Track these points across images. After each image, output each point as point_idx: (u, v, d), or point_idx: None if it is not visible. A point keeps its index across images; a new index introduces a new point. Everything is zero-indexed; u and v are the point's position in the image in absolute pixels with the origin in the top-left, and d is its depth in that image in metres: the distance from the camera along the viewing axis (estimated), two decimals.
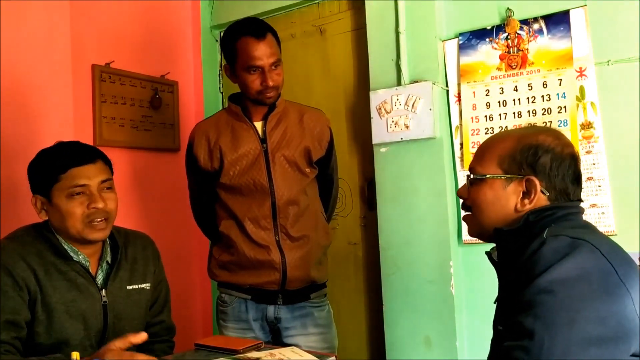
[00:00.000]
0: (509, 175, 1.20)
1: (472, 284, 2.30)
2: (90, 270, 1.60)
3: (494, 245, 1.27)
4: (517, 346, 1.01)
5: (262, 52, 1.87)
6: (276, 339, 2.00)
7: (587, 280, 1.01)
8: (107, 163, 1.62)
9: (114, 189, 1.62)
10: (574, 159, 1.20)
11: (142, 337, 1.37)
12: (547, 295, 1.01)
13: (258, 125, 1.97)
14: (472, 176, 1.26)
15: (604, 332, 0.98)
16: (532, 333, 1.00)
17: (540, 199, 1.18)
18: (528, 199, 1.18)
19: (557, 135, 1.23)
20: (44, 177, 1.54)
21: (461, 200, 1.33)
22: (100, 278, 1.62)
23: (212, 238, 2.10)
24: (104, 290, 1.60)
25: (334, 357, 1.61)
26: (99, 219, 1.56)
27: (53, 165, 1.54)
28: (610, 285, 1.01)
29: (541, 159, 1.18)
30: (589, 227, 1.18)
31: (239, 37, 1.89)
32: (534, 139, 1.20)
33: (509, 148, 1.21)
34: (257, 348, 1.57)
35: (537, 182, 1.17)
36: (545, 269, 1.04)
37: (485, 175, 1.23)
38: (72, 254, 1.57)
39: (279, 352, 1.53)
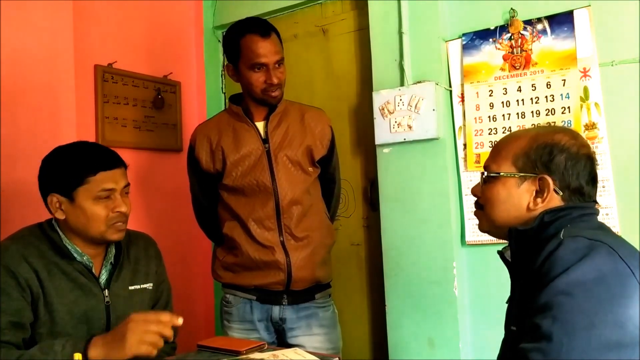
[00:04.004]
0: (523, 174, 1.20)
1: (476, 285, 2.29)
2: (93, 271, 1.59)
3: (505, 244, 1.26)
4: (534, 348, 1.01)
5: (267, 49, 1.87)
6: (280, 340, 1.99)
7: (605, 283, 1.00)
8: (126, 169, 1.64)
9: (129, 193, 1.64)
10: (590, 160, 1.20)
11: (179, 322, 1.38)
12: (565, 298, 1.00)
13: (259, 125, 1.97)
14: (485, 174, 1.26)
15: (622, 336, 0.97)
16: (550, 335, 0.99)
17: (554, 198, 1.18)
18: (541, 198, 1.18)
19: (574, 135, 1.22)
20: (68, 177, 1.53)
21: (474, 198, 1.33)
22: (103, 278, 1.62)
23: (215, 240, 2.10)
24: (106, 290, 1.60)
25: (337, 358, 1.61)
26: (120, 222, 1.58)
27: (81, 167, 1.53)
28: (629, 288, 1.00)
29: (556, 158, 1.17)
30: (605, 229, 1.18)
31: (243, 35, 1.89)
32: (550, 138, 1.19)
33: (524, 146, 1.21)
34: (260, 349, 1.57)
35: (550, 181, 1.16)
36: (563, 270, 1.03)
37: (499, 173, 1.22)
38: (75, 255, 1.57)
39: (281, 353, 1.52)
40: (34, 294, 1.48)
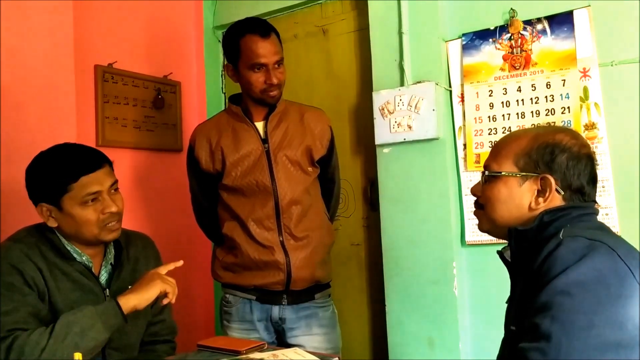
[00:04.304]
0: (525, 173, 1.20)
1: (475, 284, 2.29)
2: (93, 271, 1.59)
3: (504, 244, 1.26)
4: (533, 348, 1.01)
5: (267, 50, 1.87)
6: (280, 340, 2.00)
7: (604, 283, 1.00)
8: (111, 165, 1.62)
9: (118, 188, 1.63)
10: (591, 160, 1.20)
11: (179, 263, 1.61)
12: (565, 298, 1.00)
13: (259, 125, 1.97)
14: (487, 173, 1.26)
15: (621, 336, 0.97)
16: (549, 335, 0.99)
17: (555, 198, 1.18)
18: (543, 198, 1.18)
19: (575, 135, 1.22)
20: (51, 186, 1.51)
21: (474, 198, 1.32)
22: (103, 278, 1.63)
23: (215, 240, 2.10)
24: (107, 290, 1.60)
25: (337, 358, 1.61)
26: (113, 221, 1.57)
27: (62, 175, 1.51)
28: (628, 288, 1.00)
29: (557, 157, 1.17)
30: (604, 229, 1.18)
31: (243, 35, 1.89)
32: (551, 137, 1.19)
33: (525, 146, 1.21)
34: (260, 349, 1.57)
35: (552, 181, 1.17)
36: (563, 270, 1.03)
37: (501, 172, 1.22)
38: (75, 255, 1.57)
39: (281, 353, 1.52)
40: (40, 293, 1.49)
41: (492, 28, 2.26)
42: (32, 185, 1.56)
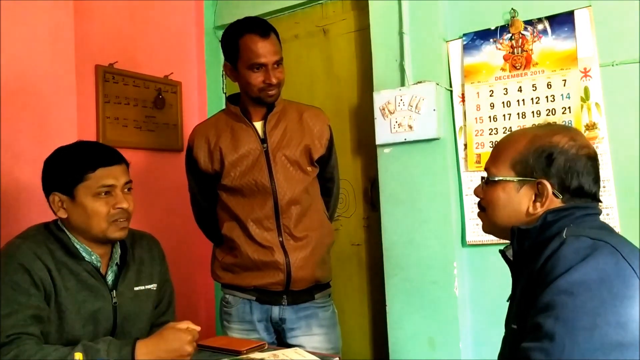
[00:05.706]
0: (521, 179, 1.20)
1: (476, 284, 2.29)
2: (100, 271, 1.59)
3: (505, 244, 1.26)
4: (536, 347, 1.01)
5: (266, 49, 1.87)
6: (280, 340, 1.99)
7: (608, 283, 1.00)
8: (128, 167, 1.64)
9: (132, 189, 1.64)
10: (591, 160, 1.19)
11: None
12: (568, 297, 1.00)
13: (258, 125, 1.97)
14: (485, 177, 1.26)
15: (625, 336, 0.97)
16: (552, 335, 0.99)
17: (553, 201, 1.17)
18: (540, 202, 1.18)
19: (574, 135, 1.21)
20: (68, 175, 1.53)
21: (474, 198, 1.33)
22: (110, 279, 1.62)
23: (214, 240, 2.10)
24: (114, 291, 1.60)
25: (337, 358, 1.61)
26: (122, 219, 1.58)
27: (80, 164, 1.53)
28: (631, 288, 1.00)
29: (555, 161, 1.16)
30: (608, 228, 1.17)
31: (242, 35, 1.88)
32: (548, 140, 1.19)
33: (522, 150, 1.20)
34: (260, 349, 1.57)
35: (548, 186, 1.16)
36: (566, 270, 1.03)
37: (498, 177, 1.22)
38: (84, 254, 1.57)
39: (282, 353, 1.53)
40: (46, 292, 1.49)
41: (492, 28, 2.25)
42: (49, 174, 1.57)
